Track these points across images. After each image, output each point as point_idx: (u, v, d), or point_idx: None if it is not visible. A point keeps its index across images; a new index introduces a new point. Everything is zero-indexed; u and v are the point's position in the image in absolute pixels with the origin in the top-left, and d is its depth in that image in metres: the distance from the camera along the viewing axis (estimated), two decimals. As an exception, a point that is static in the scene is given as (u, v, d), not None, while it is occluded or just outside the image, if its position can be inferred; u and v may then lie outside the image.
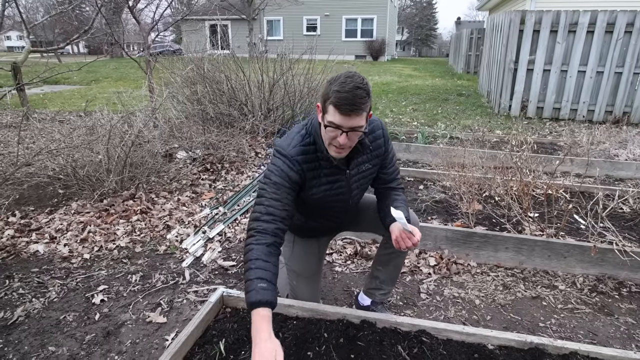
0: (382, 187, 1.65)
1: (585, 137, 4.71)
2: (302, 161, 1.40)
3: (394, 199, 1.59)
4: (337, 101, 1.24)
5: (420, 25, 45.66)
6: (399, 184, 1.66)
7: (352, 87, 1.23)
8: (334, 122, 1.27)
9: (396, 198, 1.60)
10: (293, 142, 1.43)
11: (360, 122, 1.28)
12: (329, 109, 1.27)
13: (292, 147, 1.41)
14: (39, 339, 1.73)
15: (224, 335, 1.56)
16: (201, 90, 4.30)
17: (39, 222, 2.77)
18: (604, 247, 2.17)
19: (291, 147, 1.42)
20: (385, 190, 1.64)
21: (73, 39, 5.57)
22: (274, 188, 1.39)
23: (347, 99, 1.22)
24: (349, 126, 1.27)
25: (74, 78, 12.29)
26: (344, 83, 1.24)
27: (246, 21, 17.61)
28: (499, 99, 7.03)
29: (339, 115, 1.25)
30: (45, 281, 2.14)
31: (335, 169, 1.47)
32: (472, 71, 14.71)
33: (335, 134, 1.30)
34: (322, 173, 1.45)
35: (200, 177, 3.69)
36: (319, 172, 1.45)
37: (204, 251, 2.46)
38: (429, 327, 1.59)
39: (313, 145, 1.43)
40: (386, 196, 1.63)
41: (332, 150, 1.38)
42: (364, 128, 1.31)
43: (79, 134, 3.20)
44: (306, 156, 1.42)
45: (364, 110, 1.26)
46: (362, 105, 1.24)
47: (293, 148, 1.41)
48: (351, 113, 1.24)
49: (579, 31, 6.21)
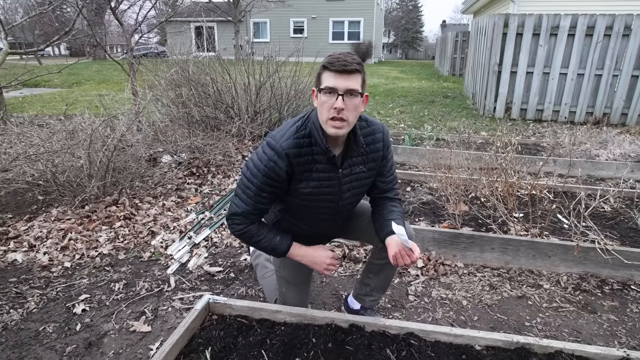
0: (379, 197, 1.60)
1: (567, 138, 4.81)
2: (292, 155, 1.36)
3: (390, 210, 1.54)
4: (329, 62, 1.28)
5: (406, 28, 46.12)
6: (396, 194, 1.61)
7: (342, 53, 1.31)
8: (329, 85, 1.28)
9: (393, 210, 1.54)
10: (287, 134, 1.38)
11: (354, 84, 1.29)
12: (323, 77, 1.30)
13: (285, 140, 1.37)
14: (17, 352, 1.66)
15: (210, 344, 1.53)
16: (186, 93, 4.25)
17: (17, 230, 2.69)
18: (586, 246, 2.21)
19: (283, 139, 1.37)
20: (382, 200, 1.59)
21: (53, 40, 5.43)
22: (257, 190, 1.40)
23: (339, 59, 1.27)
24: (343, 87, 1.27)
25: (55, 81, 12.02)
26: (335, 53, 1.32)
27: (232, 23, 17.51)
28: (483, 101, 7.13)
29: (332, 76, 1.28)
30: (23, 291, 2.07)
31: (328, 166, 1.41)
32: (457, 73, 14.91)
33: (331, 101, 1.28)
34: (314, 168, 1.40)
35: (186, 182, 3.64)
36: (311, 166, 1.40)
37: (190, 257, 2.42)
38: (417, 329, 1.59)
39: (308, 138, 1.38)
40: (382, 206, 1.57)
41: (330, 126, 1.31)
42: (359, 92, 1.31)
43: (59, 139, 3.11)
44: (298, 150, 1.37)
45: (357, 72, 1.29)
46: (354, 64, 1.27)
47: (285, 141, 1.37)
48: (344, 72, 1.27)
49: (561, 34, 6.34)
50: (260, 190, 1.40)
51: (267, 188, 1.40)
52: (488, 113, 7.02)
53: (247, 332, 1.60)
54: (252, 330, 1.61)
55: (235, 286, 2.15)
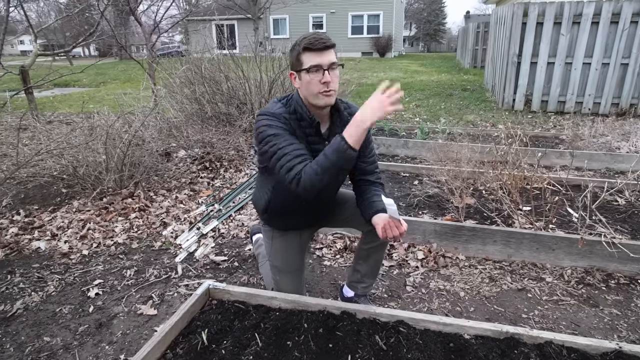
0: (362, 180, 1.65)
1: (587, 130, 4.65)
2: (288, 118, 1.50)
3: (374, 193, 1.60)
4: (308, 43, 1.41)
5: (428, 20, 45.14)
6: (377, 178, 1.67)
7: (314, 33, 1.45)
8: (314, 63, 1.41)
9: (376, 193, 1.60)
10: (275, 107, 1.53)
11: (334, 57, 1.44)
12: (304, 58, 1.42)
13: (276, 108, 1.52)
14: (35, 330, 1.81)
15: (208, 326, 1.62)
16: (200, 90, 4.37)
17: (42, 220, 2.87)
18: (592, 239, 2.16)
19: (274, 108, 1.52)
20: (364, 184, 1.65)
21: (79, 42, 5.70)
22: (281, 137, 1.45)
23: (315, 38, 1.41)
24: (327, 62, 1.42)
25: (84, 80, 12.53)
26: (307, 35, 1.45)
27: (252, 20, 17.69)
28: (502, 93, 6.96)
29: (315, 54, 1.41)
30: (44, 276, 2.23)
31: (317, 138, 1.54)
32: (478, 65, 14.54)
33: (319, 76, 1.42)
34: (305, 140, 1.53)
35: (199, 176, 3.76)
36: (303, 138, 1.52)
37: (198, 246, 2.53)
38: (407, 317, 1.62)
39: (294, 114, 1.52)
40: (366, 191, 1.63)
41: (323, 97, 1.45)
42: (338, 63, 1.46)
43: (78, 134, 3.29)
44: (291, 116, 1.51)
45: (333, 46, 1.44)
46: (329, 41, 1.43)
47: (277, 109, 1.51)
48: (324, 49, 1.41)
49: (584, 22, 6.11)
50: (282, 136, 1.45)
51: (288, 136, 1.46)
52: (507, 106, 6.86)
53: (243, 317, 1.68)
54: (248, 315, 1.68)
55: (239, 274, 2.24)
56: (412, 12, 45.08)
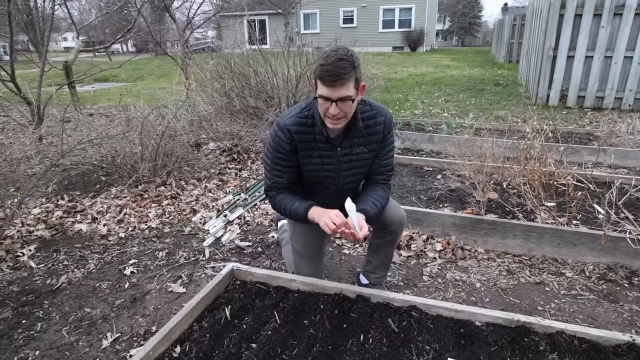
0: (369, 177, 1.69)
1: (624, 127, 4.46)
2: (294, 131, 1.51)
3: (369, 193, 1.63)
4: (321, 74, 1.34)
5: (463, 12, 43.79)
6: (384, 180, 1.67)
7: (334, 60, 1.32)
8: (323, 94, 1.37)
9: (369, 192, 1.63)
10: (291, 114, 1.55)
11: (347, 92, 1.35)
12: (317, 83, 1.38)
13: (288, 118, 1.54)
14: (78, 301, 1.99)
15: (231, 303, 1.74)
16: (229, 84, 4.53)
17: (84, 205, 3.11)
18: (616, 236, 2.12)
19: (288, 117, 1.54)
20: (369, 182, 1.69)
21: (117, 38, 6.01)
22: (272, 164, 1.58)
23: (330, 70, 1.32)
24: (336, 96, 1.35)
25: (122, 76, 13.12)
26: (328, 57, 1.34)
27: (282, 15, 17.85)
28: (536, 89, 6.75)
29: (325, 87, 1.35)
30: (85, 255, 2.43)
31: (329, 145, 1.55)
32: (514, 60, 14.05)
33: (326, 105, 1.39)
34: (315, 146, 1.55)
35: (228, 166, 3.92)
36: (313, 144, 1.55)
37: (224, 232, 2.67)
38: (420, 303, 1.67)
39: (311, 119, 1.52)
40: (365, 188, 1.68)
41: (328, 122, 1.45)
42: (353, 97, 1.38)
43: (115, 126, 3.51)
44: (301, 127, 1.52)
45: (348, 81, 1.34)
46: (344, 75, 1.32)
47: (289, 118, 1.53)
48: (335, 84, 1.33)
49: (626, 14, 5.81)
50: (274, 163, 1.58)
51: (278, 161, 1.57)
52: (541, 101, 6.64)
53: (264, 296, 1.79)
54: (269, 295, 1.79)
55: (262, 259, 2.35)
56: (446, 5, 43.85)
